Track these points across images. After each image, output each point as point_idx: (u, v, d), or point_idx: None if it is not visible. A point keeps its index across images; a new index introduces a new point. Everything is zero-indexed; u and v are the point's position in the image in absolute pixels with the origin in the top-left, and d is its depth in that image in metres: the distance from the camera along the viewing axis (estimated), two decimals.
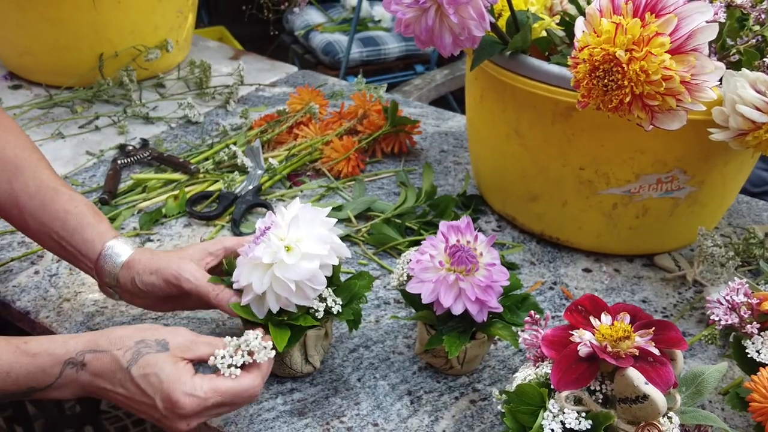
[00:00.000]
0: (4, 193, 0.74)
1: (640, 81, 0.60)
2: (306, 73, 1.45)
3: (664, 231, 0.91)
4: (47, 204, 0.74)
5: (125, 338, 0.63)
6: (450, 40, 0.75)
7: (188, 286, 0.70)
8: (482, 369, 0.77)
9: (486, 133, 0.96)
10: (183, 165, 1.04)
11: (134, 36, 1.27)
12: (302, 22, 2.65)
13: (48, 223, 0.74)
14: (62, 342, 0.63)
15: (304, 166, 1.10)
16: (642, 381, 0.53)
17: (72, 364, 0.62)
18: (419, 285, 0.70)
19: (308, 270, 0.66)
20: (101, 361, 0.62)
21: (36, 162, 0.76)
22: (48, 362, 0.62)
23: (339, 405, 0.72)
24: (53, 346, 0.62)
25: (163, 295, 0.72)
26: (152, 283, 0.71)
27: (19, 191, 0.74)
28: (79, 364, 0.62)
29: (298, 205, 0.69)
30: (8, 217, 0.76)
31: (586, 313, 0.60)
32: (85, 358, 0.62)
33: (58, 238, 0.74)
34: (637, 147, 0.82)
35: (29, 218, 0.74)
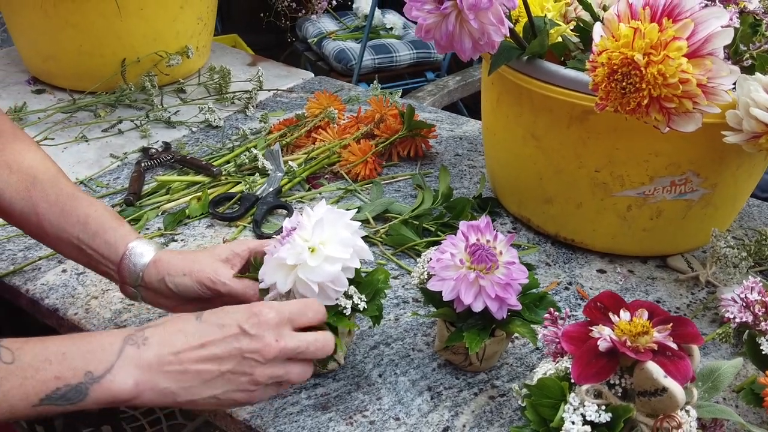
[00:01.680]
0: (21, 201, 0.74)
1: (658, 84, 0.62)
2: (322, 79, 1.48)
3: (678, 233, 0.93)
4: (67, 210, 0.74)
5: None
6: (470, 45, 0.77)
7: (224, 289, 0.70)
8: (500, 366, 0.79)
9: (502, 137, 0.98)
10: (205, 167, 1.07)
11: (156, 42, 1.30)
12: (315, 30, 2.68)
13: (68, 228, 0.73)
14: (117, 329, 0.61)
15: (322, 169, 1.12)
16: (661, 374, 0.55)
17: (132, 340, 0.58)
18: (440, 283, 0.72)
19: (330, 272, 0.67)
20: (165, 328, 0.59)
21: (54, 173, 0.77)
22: (106, 338, 0.57)
23: (361, 400, 0.74)
24: (108, 331, 0.60)
25: (194, 296, 0.72)
26: (185, 285, 0.71)
27: (37, 199, 0.74)
28: (141, 339, 0.58)
29: (324, 208, 0.71)
30: (25, 225, 0.75)
31: (605, 309, 0.62)
32: (146, 332, 0.59)
33: (78, 242, 0.73)
34: (652, 150, 0.84)
35: (48, 225, 0.74)
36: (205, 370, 0.59)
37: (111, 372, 0.56)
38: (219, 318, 0.60)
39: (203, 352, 0.59)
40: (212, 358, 0.59)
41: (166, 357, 0.58)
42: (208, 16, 1.40)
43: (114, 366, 0.56)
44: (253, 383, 0.61)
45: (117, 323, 0.82)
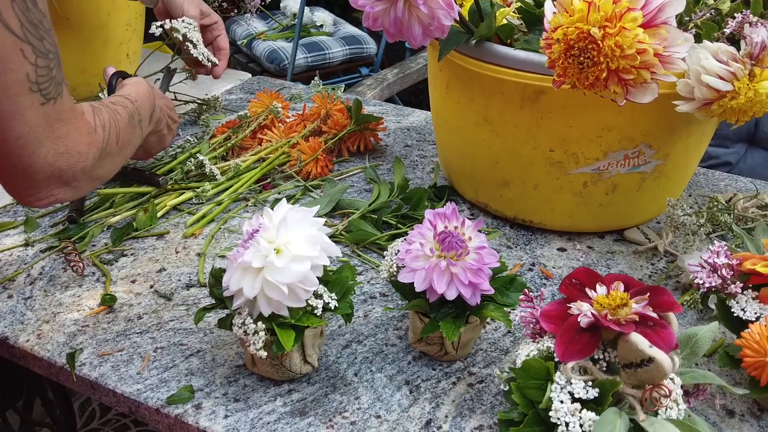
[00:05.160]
0: None
1: (616, 56, 0.62)
2: (261, 79, 1.44)
3: (633, 206, 0.94)
4: None
5: None
6: (420, 31, 0.76)
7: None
8: (475, 353, 0.78)
9: (454, 123, 0.97)
10: (149, 178, 1.02)
11: (84, 52, 1.25)
12: (244, 31, 2.63)
13: None
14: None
15: (272, 170, 1.09)
16: (646, 344, 0.55)
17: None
18: (411, 274, 0.70)
19: (299, 272, 0.65)
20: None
21: None
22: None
23: (339, 401, 0.72)
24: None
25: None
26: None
27: None
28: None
29: (286, 207, 0.69)
30: None
31: (581, 285, 0.62)
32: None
33: None
34: (604, 125, 0.84)
35: None
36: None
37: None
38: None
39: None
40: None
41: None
42: (137, 21, 1.35)
43: None
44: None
45: (72, 346, 0.78)
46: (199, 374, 0.74)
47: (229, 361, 0.76)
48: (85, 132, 0.67)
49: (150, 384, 0.73)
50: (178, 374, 0.74)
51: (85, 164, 0.67)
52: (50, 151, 0.62)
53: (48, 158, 0.63)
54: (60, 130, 0.63)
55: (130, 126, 0.79)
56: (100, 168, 0.71)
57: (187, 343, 0.78)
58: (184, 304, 0.84)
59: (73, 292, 0.86)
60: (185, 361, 0.76)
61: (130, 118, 0.79)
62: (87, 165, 0.68)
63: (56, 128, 0.63)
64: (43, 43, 0.60)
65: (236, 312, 0.68)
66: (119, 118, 0.76)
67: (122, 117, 0.77)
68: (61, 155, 0.64)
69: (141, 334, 0.80)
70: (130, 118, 0.79)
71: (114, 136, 0.74)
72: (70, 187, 0.68)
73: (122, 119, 0.77)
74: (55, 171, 0.64)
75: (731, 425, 0.71)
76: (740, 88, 0.73)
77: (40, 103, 0.61)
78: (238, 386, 0.73)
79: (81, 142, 0.66)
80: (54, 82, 0.62)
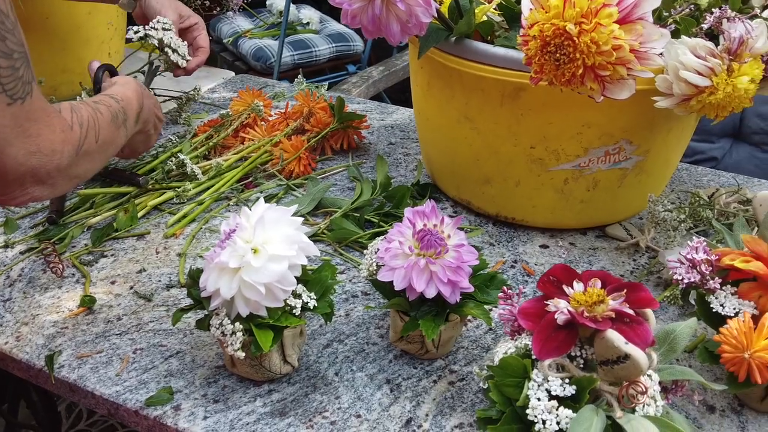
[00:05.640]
0: None
1: (591, 52, 0.62)
2: (244, 77, 1.44)
3: (614, 202, 0.94)
4: None
5: None
6: (398, 29, 0.76)
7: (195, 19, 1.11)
8: (456, 350, 0.78)
9: (436, 121, 0.97)
10: (129, 178, 1.02)
11: (65, 51, 1.24)
12: (230, 29, 2.62)
13: None
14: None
15: (254, 169, 1.08)
16: (622, 341, 0.55)
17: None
18: (390, 272, 0.70)
19: (277, 272, 0.65)
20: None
21: None
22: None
23: (320, 401, 0.72)
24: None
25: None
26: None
27: None
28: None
29: (263, 206, 0.68)
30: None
31: (558, 282, 0.62)
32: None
33: None
34: (584, 121, 0.84)
35: None
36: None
37: None
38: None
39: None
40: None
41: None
42: (119, 20, 1.34)
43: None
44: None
45: (51, 348, 0.77)
46: (178, 375, 0.74)
47: (208, 362, 0.76)
48: (59, 130, 0.67)
49: (129, 386, 0.73)
50: (158, 375, 0.74)
51: (60, 162, 0.67)
52: (20, 150, 0.62)
53: (18, 158, 0.62)
54: (31, 129, 0.63)
55: (113, 125, 0.79)
56: (77, 166, 0.71)
57: (166, 344, 0.78)
58: (164, 305, 0.83)
59: (53, 294, 0.85)
60: (165, 362, 0.76)
61: (113, 117, 0.79)
62: (62, 163, 0.67)
63: (27, 127, 0.62)
64: (6, 43, 0.60)
65: (214, 313, 0.67)
66: (100, 116, 0.76)
67: (104, 116, 0.77)
68: (33, 154, 0.63)
69: (120, 336, 0.79)
70: (113, 118, 0.79)
71: (93, 135, 0.73)
72: (46, 185, 0.67)
73: (104, 118, 0.77)
74: (27, 170, 0.64)
75: (711, 421, 0.71)
76: (718, 84, 0.73)
77: (6, 104, 0.60)
78: (218, 387, 0.73)
79: (55, 140, 0.66)
80: (21, 81, 0.61)
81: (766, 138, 1.85)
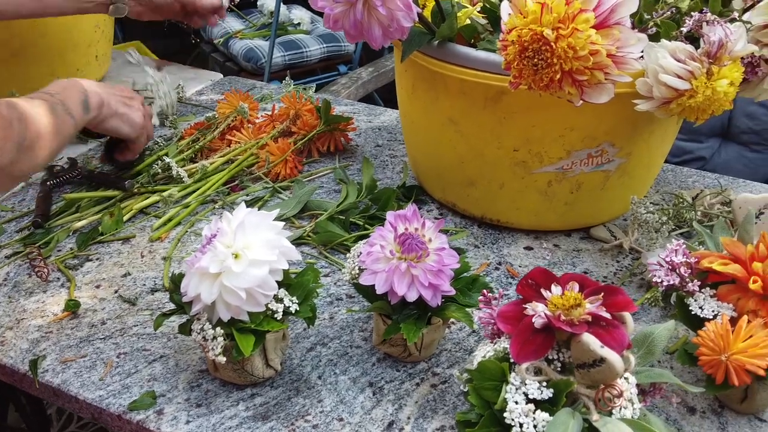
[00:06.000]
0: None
1: (569, 57, 0.62)
2: (232, 79, 1.44)
3: (598, 203, 0.95)
4: None
5: None
6: (379, 33, 0.76)
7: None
8: (439, 353, 0.78)
9: (421, 124, 0.97)
10: (115, 182, 1.02)
11: (54, 55, 1.24)
12: (220, 30, 2.62)
13: None
14: None
15: (240, 172, 1.08)
16: (598, 345, 0.55)
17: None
18: (372, 276, 0.71)
19: (257, 277, 0.65)
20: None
21: None
22: None
23: (302, 405, 0.72)
24: None
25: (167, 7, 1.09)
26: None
27: None
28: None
29: (244, 211, 0.68)
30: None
31: (537, 286, 0.62)
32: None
33: None
34: (567, 124, 0.85)
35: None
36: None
37: None
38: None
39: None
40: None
41: None
42: (106, 23, 1.34)
43: None
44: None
45: (35, 353, 0.77)
46: (161, 380, 0.74)
47: (192, 366, 0.76)
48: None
49: (112, 390, 0.73)
50: (141, 380, 0.74)
51: (1, 160, 0.68)
52: None
53: None
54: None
55: (53, 116, 0.79)
56: (20, 163, 0.72)
57: (150, 349, 0.78)
58: (149, 309, 0.84)
59: (38, 298, 0.85)
60: (148, 366, 0.76)
61: (51, 109, 0.80)
62: (3, 161, 0.69)
63: None
64: None
65: (195, 317, 0.67)
66: (39, 111, 0.77)
67: (41, 110, 0.78)
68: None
69: (104, 340, 0.79)
70: (52, 110, 0.80)
71: (35, 129, 0.74)
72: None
73: (41, 112, 0.78)
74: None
75: (692, 422, 0.71)
76: (698, 87, 0.73)
77: None
78: (201, 391, 0.73)
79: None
80: None
81: (754, 137, 1.86)
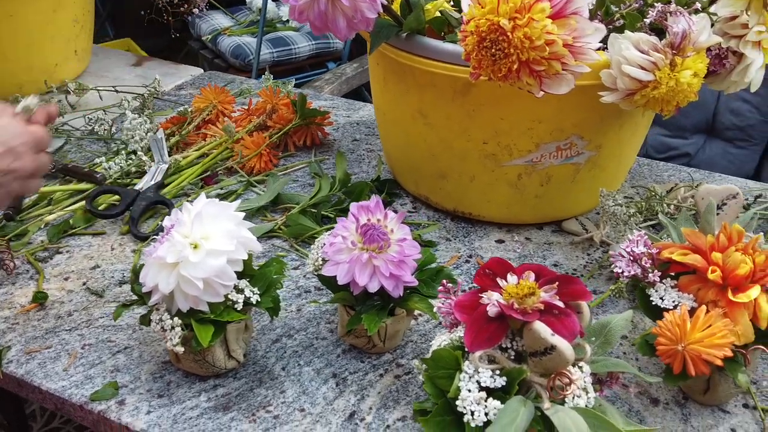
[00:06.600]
0: None
1: (525, 47, 0.62)
2: (212, 74, 1.44)
3: (569, 197, 0.95)
4: None
5: None
6: (344, 24, 0.76)
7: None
8: (405, 345, 0.78)
9: (392, 116, 0.97)
10: (88, 174, 1.02)
11: (30, 49, 1.24)
12: (209, 27, 2.62)
13: None
14: None
15: (215, 165, 1.08)
16: (548, 333, 0.55)
17: None
18: (334, 267, 0.71)
19: (215, 267, 0.65)
20: None
21: None
22: None
23: (264, 395, 0.72)
24: None
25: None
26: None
27: None
28: None
29: (203, 201, 0.68)
30: None
31: (494, 275, 0.62)
32: None
33: None
34: (535, 117, 0.85)
35: None
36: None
37: None
38: None
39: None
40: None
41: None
42: (85, 17, 1.34)
43: None
44: None
45: (0, 344, 0.77)
46: (125, 371, 0.74)
47: (156, 358, 0.76)
48: None
49: (75, 381, 0.73)
50: (104, 371, 0.74)
51: None
52: None
53: None
54: None
55: None
56: None
57: (115, 340, 0.78)
58: (116, 301, 0.83)
59: (6, 290, 0.85)
60: (112, 357, 0.76)
61: None
62: None
63: None
64: None
65: (155, 308, 0.67)
66: None
67: None
68: None
69: (70, 331, 0.79)
70: None
71: None
72: None
73: None
74: None
75: (654, 413, 0.71)
76: (661, 78, 0.73)
77: None
78: (163, 382, 0.73)
79: None
80: None
81: (739, 134, 1.87)
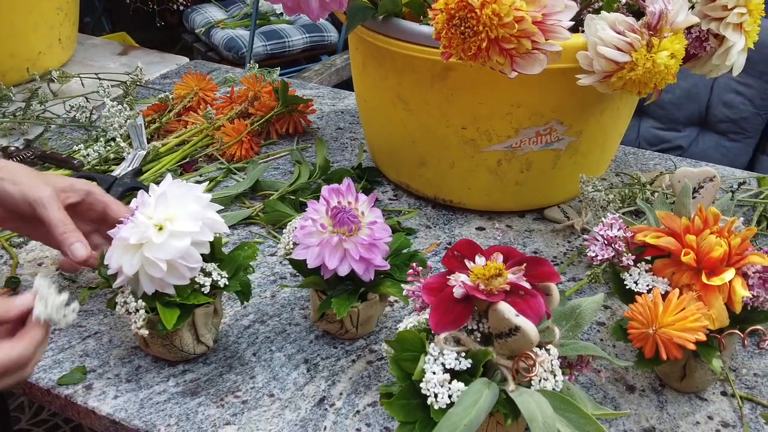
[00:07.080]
0: None
1: (494, 25, 0.61)
2: (198, 63, 1.43)
3: (550, 183, 0.93)
4: None
5: None
6: (316, 5, 0.75)
7: (42, 212, 0.70)
8: (379, 331, 0.78)
9: (373, 103, 0.96)
10: (66, 161, 1.01)
11: (13, 36, 1.23)
12: (203, 20, 2.61)
13: None
14: None
15: (196, 152, 1.07)
16: (513, 313, 0.54)
17: None
18: (305, 251, 0.69)
19: (179, 248, 0.64)
20: None
21: None
22: None
23: (234, 381, 0.71)
24: None
25: (17, 210, 0.71)
26: (9, 193, 0.70)
27: None
28: None
29: (168, 182, 0.67)
30: None
31: (462, 257, 0.61)
32: None
33: None
34: (513, 101, 0.83)
35: None
36: None
37: None
38: None
39: None
40: None
41: None
42: (69, 6, 1.33)
43: None
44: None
45: None
46: (93, 355, 0.73)
47: (125, 343, 0.75)
48: None
49: (43, 365, 0.72)
50: (73, 355, 0.73)
51: None
52: None
53: None
54: None
55: None
56: None
57: (85, 325, 0.77)
58: (88, 286, 0.82)
59: None
60: (82, 342, 0.75)
61: None
62: None
63: None
64: None
65: (120, 290, 0.67)
66: None
67: None
68: None
69: None
70: None
71: None
72: None
73: None
74: None
75: (630, 400, 0.70)
76: (638, 59, 0.72)
77: None
78: (132, 367, 0.72)
79: None
80: None
81: (732, 127, 1.85)
